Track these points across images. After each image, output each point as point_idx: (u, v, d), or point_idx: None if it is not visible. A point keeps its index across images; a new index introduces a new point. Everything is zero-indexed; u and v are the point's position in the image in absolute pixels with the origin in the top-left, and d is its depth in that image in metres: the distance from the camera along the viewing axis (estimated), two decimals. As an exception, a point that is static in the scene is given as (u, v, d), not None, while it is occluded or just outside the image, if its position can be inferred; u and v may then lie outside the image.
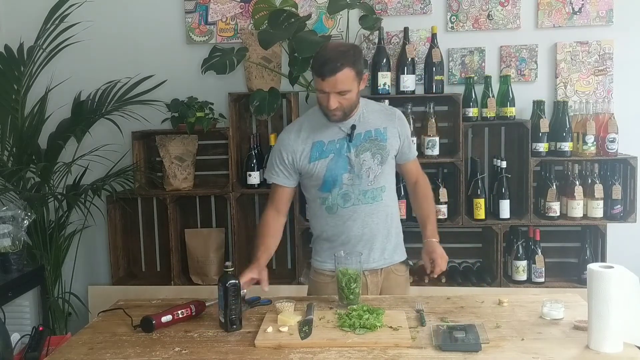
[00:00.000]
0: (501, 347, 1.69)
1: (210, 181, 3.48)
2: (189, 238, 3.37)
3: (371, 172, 2.16)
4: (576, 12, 3.22)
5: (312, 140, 2.16)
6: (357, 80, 2.05)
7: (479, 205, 3.12)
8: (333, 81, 1.99)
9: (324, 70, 1.99)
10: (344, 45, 2.16)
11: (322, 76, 2.00)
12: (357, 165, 2.14)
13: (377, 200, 2.19)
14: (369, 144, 2.16)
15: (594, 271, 1.63)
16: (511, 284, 3.14)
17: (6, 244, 2.72)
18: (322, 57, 2.03)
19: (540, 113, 3.10)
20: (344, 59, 1.99)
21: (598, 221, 3.08)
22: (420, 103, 3.23)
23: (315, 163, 2.16)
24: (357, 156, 2.14)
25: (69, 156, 3.24)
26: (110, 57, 3.44)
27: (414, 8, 3.29)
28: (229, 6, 3.38)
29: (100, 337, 1.87)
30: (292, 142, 2.18)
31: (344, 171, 2.15)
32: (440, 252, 2.21)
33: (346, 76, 2.00)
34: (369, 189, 2.17)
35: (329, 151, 2.15)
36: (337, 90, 2.01)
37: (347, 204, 2.17)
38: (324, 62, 2.00)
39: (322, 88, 2.03)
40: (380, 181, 2.19)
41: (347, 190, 2.16)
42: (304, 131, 2.18)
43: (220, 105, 3.29)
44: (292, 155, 2.17)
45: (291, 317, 1.87)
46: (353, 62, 2.02)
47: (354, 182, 2.16)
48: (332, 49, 2.06)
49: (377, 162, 2.16)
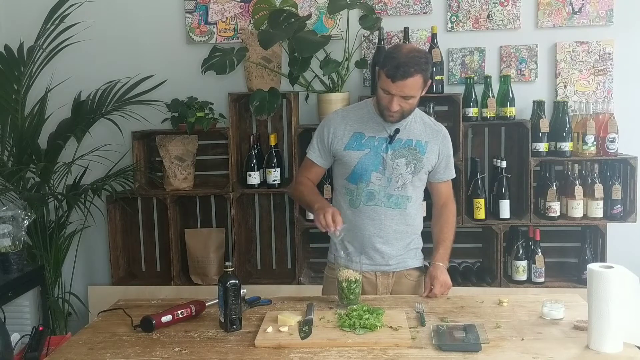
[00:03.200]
0: (501, 347, 1.69)
1: (210, 181, 3.48)
2: (189, 238, 3.37)
3: (401, 179, 2.17)
4: (576, 12, 3.22)
5: (354, 129, 2.19)
6: (423, 87, 2.07)
7: (479, 205, 3.12)
8: (402, 85, 2.00)
9: (396, 73, 1.98)
10: (418, 51, 2.10)
11: (392, 78, 1.99)
12: (390, 167, 2.16)
13: (401, 207, 2.20)
14: (407, 151, 2.17)
15: (594, 271, 1.63)
16: (511, 284, 3.14)
17: (6, 244, 2.72)
18: (395, 59, 2.00)
19: (540, 113, 3.10)
20: (417, 66, 2.00)
21: (598, 221, 3.08)
22: (420, 103, 3.17)
23: (350, 152, 2.17)
24: (392, 159, 2.15)
25: (69, 156, 3.24)
26: (110, 57, 3.44)
27: (414, 8, 3.29)
28: (229, 6, 3.38)
29: (100, 337, 1.87)
30: (336, 124, 2.22)
31: (374, 169, 2.16)
32: (443, 280, 2.15)
33: (415, 82, 2.01)
34: (394, 194, 2.18)
35: (367, 145, 2.17)
36: (403, 94, 2.02)
37: (370, 202, 2.19)
38: (397, 65, 1.98)
39: (389, 89, 2.03)
40: (408, 190, 2.19)
41: (373, 188, 2.18)
42: (349, 118, 2.22)
43: (220, 105, 3.29)
44: (332, 137, 2.20)
45: (291, 317, 1.87)
46: (424, 70, 2.03)
47: (382, 183, 2.17)
48: (407, 53, 2.02)
49: (409, 170, 2.17)
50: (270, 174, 3.18)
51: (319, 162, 2.26)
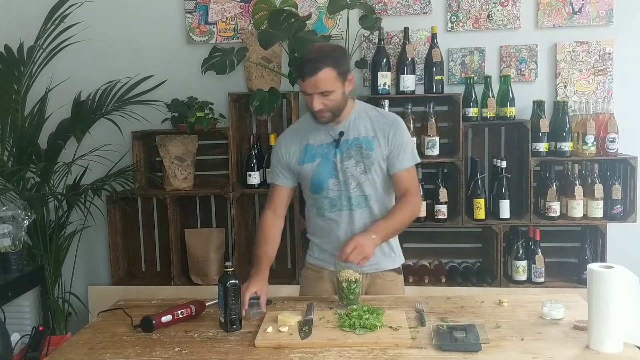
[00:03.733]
0: (501, 347, 1.69)
1: (210, 181, 3.48)
2: (189, 238, 3.37)
3: (353, 180, 2.14)
4: (576, 12, 3.22)
5: (304, 143, 2.18)
6: (341, 80, 2.03)
7: (479, 205, 3.12)
8: (313, 81, 1.98)
9: (304, 70, 1.98)
10: (327, 46, 2.13)
11: (302, 77, 1.99)
12: (342, 171, 2.13)
13: (361, 207, 2.16)
14: (355, 151, 2.13)
15: (594, 271, 1.63)
16: (511, 284, 3.14)
17: (6, 244, 2.72)
18: (303, 57, 2.03)
19: (540, 113, 3.10)
20: (324, 59, 1.97)
21: (598, 221, 3.08)
22: (420, 103, 3.23)
23: (304, 166, 2.17)
24: (342, 162, 2.13)
25: (69, 156, 3.24)
26: (110, 57, 3.44)
27: (414, 8, 3.29)
28: (229, 6, 3.38)
29: (100, 337, 1.87)
30: (287, 142, 2.21)
31: (329, 176, 2.15)
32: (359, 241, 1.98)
33: (327, 76, 1.98)
34: (352, 196, 2.15)
35: (317, 155, 2.16)
36: (318, 90, 1.99)
37: (333, 208, 2.18)
38: (304, 63, 1.99)
39: (305, 89, 2.02)
40: (365, 190, 2.15)
41: (333, 195, 2.17)
42: (298, 133, 2.21)
43: (220, 105, 3.29)
44: (287, 156, 2.20)
45: (291, 317, 1.87)
46: (334, 62, 1.99)
47: (339, 187, 2.15)
48: (314, 50, 2.05)
49: (360, 170, 2.13)
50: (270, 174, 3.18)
51: (285, 184, 2.24)
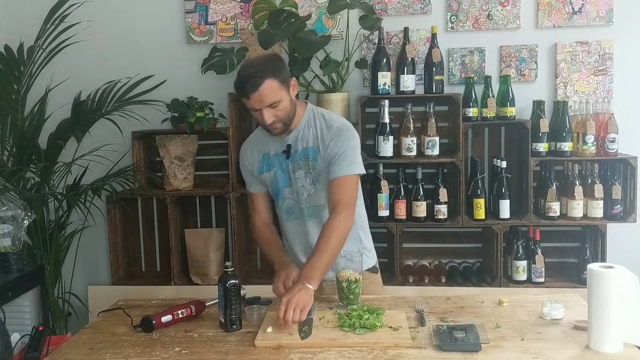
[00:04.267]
0: (501, 347, 1.69)
1: (210, 181, 3.48)
2: (189, 238, 3.37)
3: (304, 191, 2.13)
4: (576, 12, 3.22)
5: (262, 151, 2.19)
6: (285, 88, 2.00)
7: (479, 205, 3.12)
8: (258, 96, 1.94)
9: (245, 88, 1.94)
10: (261, 58, 2.10)
11: (245, 95, 1.95)
12: (294, 181, 2.14)
13: (314, 217, 2.15)
14: (303, 162, 2.12)
15: (594, 271, 1.63)
16: (511, 284, 3.13)
17: (6, 244, 2.72)
18: (240, 76, 1.98)
19: (540, 113, 3.10)
20: (262, 72, 1.94)
21: (598, 221, 3.08)
22: (420, 103, 3.23)
23: (264, 175, 2.18)
24: (294, 173, 2.13)
25: (69, 156, 3.24)
26: (110, 57, 3.44)
27: (414, 8, 3.29)
28: (229, 6, 3.38)
29: (100, 337, 1.88)
30: (249, 152, 2.23)
31: (285, 185, 2.15)
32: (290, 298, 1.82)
33: (270, 88, 1.94)
34: (304, 207, 2.15)
35: (274, 164, 2.16)
36: (265, 104, 1.96)
37: (290, 217, 2.20)
38: (244, 81, 1.95)
39: (252, 106, 1.98)
40: (317, 200, 2.13)
41: (289, 204, 2.17)
42: (257, 141, 2.22)
43: (220, 105, 3.29)
44: (251, 165, 2.21)
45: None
46: (273, 72, 1.96)
47: (293, 197, 2.16)
48: (249, 65, 2.01)
49: (309, 181, 2.12)
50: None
51: (257, 190, 2.24)
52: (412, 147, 3.09)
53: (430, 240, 3.39)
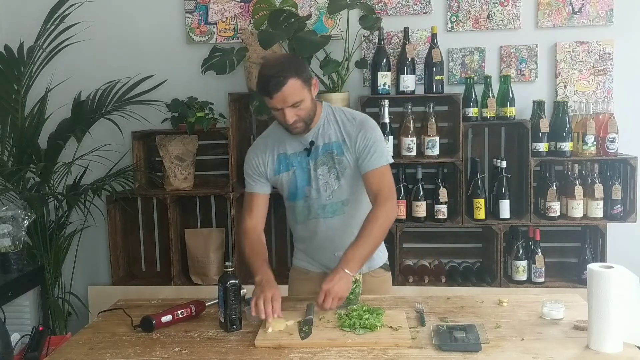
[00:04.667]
0: (501, 347, 1.69)
1: (210, 181, 3.48)
2: (189, 238, 3.37)
3: (328, 187, 2.12)
4: (576, 12, 3.22)
5: (277, 152, 2.16)
6: (307, 87, 1.99)
7: (479, 205, 3.12)
8: (281, 96, 1.94)
9: (269, 87, 1.92)
10: (282, 57, 2.07)
11: (269, 94, 1.94)
12: (315, 179, 2.12)
13: (338, 214, 2.15)
14: (326, 157, 2.11)
15: (594, 271, 1.63)
16: (511, 284, 3.14)
17: (6, 244, 2.72)
18: (263, 75, 1.96)
19: (540, 113, 3.10)
20: (286, 71, 1.93)
21: (598, 221, 3.08)
22: (420, 103, 3.23)
23: (281, 175, 2.15)
24: (315, 170, 2.12)
25: (69, 156, 3.24)
26: (110, 57, 3.44)
27: (414, 8, 3.29)
28: (229, 6, 3.38)
29: (100, 337, 1.87)
30: (261, 152, 2.18)
31: (305, 184, 2.13)
32: (329, 287, 1.88)
33: (293, 87, 1.94)
34: (327, 203, 2.13)
35: (292, 164, 2.14)
36: (288, 104, 1.96)
37: (310, 216, 2.17)
38: (267, 80, 1.93)
39: (274, 105, 1.97)
40: (341, 196, 2.13)
41: (309, 203, 2.15)
42: (269, 143, 2.18)
43: (220, 105, 3.29)
44: (263, 166, 2.17)
45: (280, 321, 1.85)
46: (296, 72, 1.95)
47: (314, 195, 2.13)
48: (271, 65, 1.98)
49: (333, 176, 2.11)
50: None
51: (261, 191, 2.20)
52: (412, 147, 3.10)
53: (430, 240, 3.39)
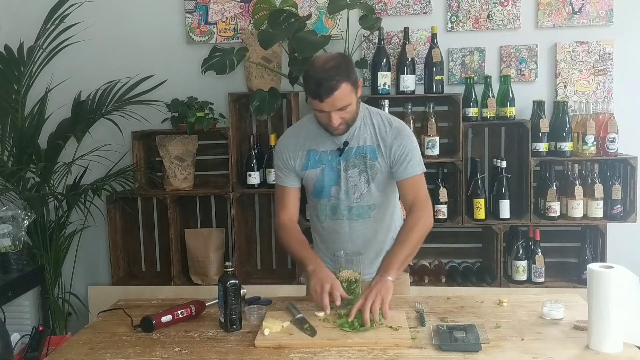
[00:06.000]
0: (501, 347, 1.69)
1: (210, 181, 3.48)
2: (189, 238, 3.37)
3: (357, 190, 2.10)
4: (576, 12, 3.22)
5: (307, 148, 2.13)
6: (354, 90, 1.97)
7: (479, 205, 3.12)
8: (332, 100, 1.90)
9: (320, 91, 1.88)
10: (333, 59, 1.96)
11: (319, 97, 1.89)
12: (345, 180, 2.09)
13: (364, 217, 2.13)
14: (359, 160, 2.08)
15: (594, 271, 1.63)
16: (511, 284, 3.14)
17: (6, 244, 2.72)
18: (314, 78, 1.90)
19: (540, 113, 3.10)
20: (339, 75, 1.88)
21: (598, 221, 3.08)
22: (420, 103, 3.23)
23: (308, 172, 2.13)
24: (346, 171, 2.09)
25: (69, 156, 3.24)
26: (110, 57, 3.44)
27: (414, 8, 3.29)
28: (229, 6, 3.38)
29: (100, 337, 1.87)
30: (290, 146, 2.14)
31: (333, 183, 2.11)
32: (375, 293, 1.85)
33: (344, 92, 1.90)
34: (354, 206, 2.11)
35: (321, 161, 2.11)
36: (337, 107, 1.93)
37: (333, 216, 2.15)
38: (318, 83, 1.88)
39: (322, 109, 1.93)
40: (369, 200, 2.11)
41: (334, 203, 2.13)
42: (300, 137, 2.15)
43: (220, 105, 3.29)
44: (292, 160, 2.14)
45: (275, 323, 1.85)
46: (347, 75, 1.91)
47: (341, 196, 2.11)
48: (323, 66, 1.91)
49: (364, 180, 2.09)
50: (270, 174, 3.18)
51: (292, 185, 2.17)
52: (412, 147, 3.09)
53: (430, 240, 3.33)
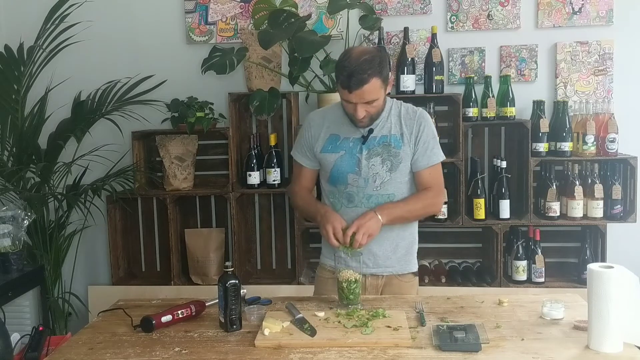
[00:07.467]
0: (501, 347, 1.69)
1: (210, 181, 3.48)
2: (189, 238, 3.37)
3: (378, 178, 2.10)
4: (576, 12, 3.22)
5: (330, 131, 2.15)
6: (384, 86, 1.99)
7: (479, 205, 3.12)
8: (360, 93, 1.93)
9: (350, 82, 1.91)
10: (369, 52, 1.97)
11: (348, 88, 1.93)
12: (365, 168, 2.09)
13: None
14: (382, 149, 2.09)
15: (594, 271, 1.63)
16: (511, 284, 3.14)
17: (6, 244, 2.72)
18: (346, 68, 1.92)
19: (540, 113, 3.10)
20: (371, 69, 1.91)
21: (598, 221, 3.08)
22: (420, 103, 3.20)
23: (326, 155, 2.14)
24: (367, 159, 2.09)
25: (69, 156, 3.24)
26: (110, 57, 3.44)
27: (414, 8, 3.29)
28: (229, 6, 3.38)
29: (100, 337, 1.87)
30: (316, 125, 2.18)
31: (350, 170, 2.10)
32: (362, 223, 1.97)
33: (374, 86, 1.93)
34: (373, 194, 2.11)
35: (342, 147, 2.12)
36: (364, 101, 1.96)
37: (350, 204, 2.13)
38: (350, 74, 1.90)
39: (349, 99, 1.96)
40: (389, 189, 2.11)
41: (351, 190, 2.12)
42: (327, 119, 2.17)
43: (220, 105, 3.29)
44: (312, 139, 2.16)
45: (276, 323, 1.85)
46: (380, 71, 1.93)
47: (359, 184, 2.10)
48: (357, 59, 1.93)
49: (386, 168, 2.09)
50: (270, 174, 3.18)
51: (307, 165, 2.21)
52: (412, 147, 3.09)
53: (430, 240, 3.39)
